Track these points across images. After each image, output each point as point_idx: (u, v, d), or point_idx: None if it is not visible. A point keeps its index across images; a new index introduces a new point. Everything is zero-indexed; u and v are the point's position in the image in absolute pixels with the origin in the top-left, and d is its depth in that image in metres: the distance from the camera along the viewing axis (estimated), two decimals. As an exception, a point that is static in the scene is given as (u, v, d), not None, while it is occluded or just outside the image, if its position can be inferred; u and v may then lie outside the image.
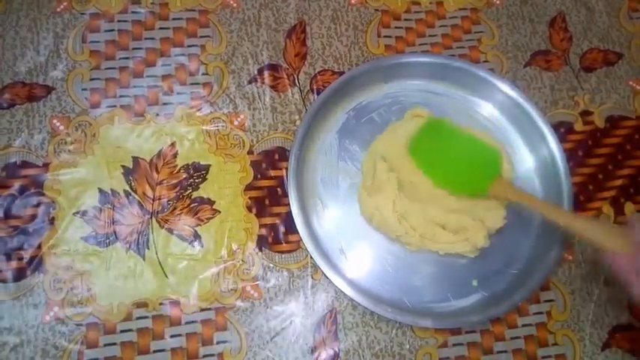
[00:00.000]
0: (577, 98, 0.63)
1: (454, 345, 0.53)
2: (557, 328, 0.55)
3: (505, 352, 0.54)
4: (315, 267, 0.54)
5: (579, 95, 0.63)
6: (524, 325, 0.54)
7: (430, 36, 0.64)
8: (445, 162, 0.55)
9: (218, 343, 0.51)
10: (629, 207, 0.60)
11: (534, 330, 0.54)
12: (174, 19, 0.61)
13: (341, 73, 0.59)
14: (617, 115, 0.63)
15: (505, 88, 0.59)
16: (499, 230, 0.55)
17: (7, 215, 0.52)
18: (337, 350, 0.52)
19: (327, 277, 0.52)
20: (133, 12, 0.61)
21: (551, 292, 0.56)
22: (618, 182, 0.60)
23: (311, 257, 0.53)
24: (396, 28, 0.64)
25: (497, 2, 0.67)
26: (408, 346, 0.53)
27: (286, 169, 0.56)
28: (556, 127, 0.60)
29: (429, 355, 0.53)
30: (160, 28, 0.61)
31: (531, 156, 0.59)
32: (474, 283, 0.55)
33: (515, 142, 0.60)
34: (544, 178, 0.58)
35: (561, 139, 0.59)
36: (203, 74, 0.59)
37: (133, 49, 0.59)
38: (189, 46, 0.60)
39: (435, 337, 0.53)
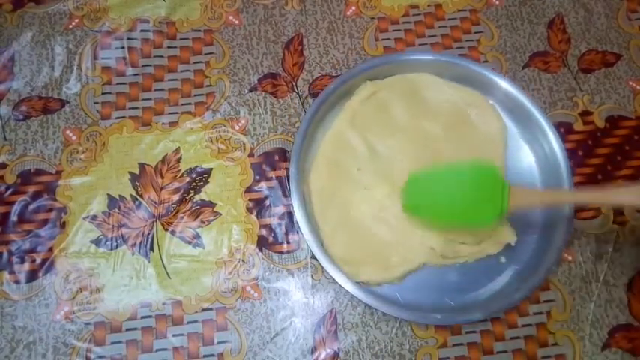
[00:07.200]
0: (576, 99, 0.63)
1: (454, 345, 0.53)
2: (557, 328, 0.54)
3: (505, 352, 0.53)
4: (315, 267, 0.55)
5: (578, 96, 0.63)
6: (524, 325, 0.54)
7: (430, 36, 0.65)
8: (446, 202, 0.52)
9: (218, 342, 0.52)
10: (628, 207, 0.59)
11: (534, 330, 0.54)
12: (181, 39, 0.64)
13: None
14: (616, 115, 0.62)
15: (505, 85, 0.59)
16: None
17: (21, 220, 0.55)
18: (337, 350, 0.52)
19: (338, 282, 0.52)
20: (142, 30, 0.64)
21: (551, 292, 0.55)
22: (618, 182, 0.59)
23: (313, 257, 0.54)
24: (394, 31, 0.65)
25: (497, 3, 0.67)
26: (408, 346, 0.53)
27: (287, 169, 0.57)
28: (556, 128, 0.59)
29: (429, 355, 0.53)
30: (168, 47, 0.63)
31: (532, 154, 0.59)
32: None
33: (516, 140, 0.60)
34: (545, 176, 0.58)
35: (561, 139, 0.59)
36: (207, 85, 0.62)
37: (143, 65, 0.62)
38: (194, 62, 0.63)
39: (435, 337, 0.53)
